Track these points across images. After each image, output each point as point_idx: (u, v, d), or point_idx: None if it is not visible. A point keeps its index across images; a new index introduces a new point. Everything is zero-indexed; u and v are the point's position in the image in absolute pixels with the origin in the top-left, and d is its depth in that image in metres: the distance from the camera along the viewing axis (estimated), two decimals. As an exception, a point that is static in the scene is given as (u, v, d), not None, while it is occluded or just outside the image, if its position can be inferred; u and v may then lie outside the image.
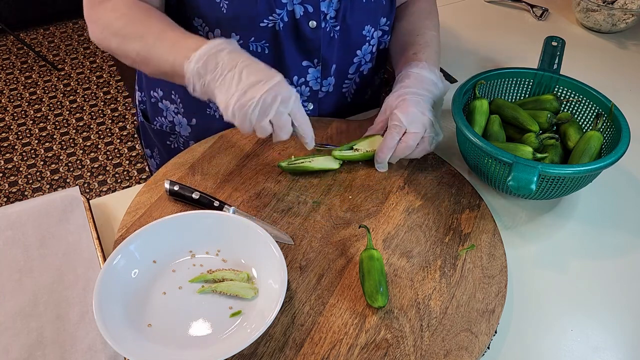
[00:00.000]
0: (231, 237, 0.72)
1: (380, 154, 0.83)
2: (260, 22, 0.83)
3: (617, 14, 1.26)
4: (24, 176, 2.35)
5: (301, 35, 0.86)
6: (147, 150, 1.16)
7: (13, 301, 0.68)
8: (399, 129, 0.81)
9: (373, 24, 0.93)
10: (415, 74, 0.87)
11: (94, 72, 2.92)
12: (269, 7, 0.82)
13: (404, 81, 0.87)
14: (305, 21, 0.85)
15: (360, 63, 0.97)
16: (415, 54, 0.91)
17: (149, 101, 1.04)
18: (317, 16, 0.85)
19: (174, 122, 1.01)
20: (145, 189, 0.81)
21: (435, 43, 0.95)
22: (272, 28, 0.84)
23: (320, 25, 0.86)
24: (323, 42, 0.88)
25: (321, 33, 0.87)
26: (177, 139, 1.04)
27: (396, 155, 0.83)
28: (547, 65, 0.95)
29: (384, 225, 0.78)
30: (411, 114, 0.81)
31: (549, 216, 0.85)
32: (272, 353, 0.63)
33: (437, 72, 0.89)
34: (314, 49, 0.89)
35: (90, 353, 0.63)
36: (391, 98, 0.86)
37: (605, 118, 0.86)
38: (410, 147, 0.82)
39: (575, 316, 0.72)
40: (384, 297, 0.66)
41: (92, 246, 0.74)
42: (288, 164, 0.84)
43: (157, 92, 1.00)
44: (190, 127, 0.99)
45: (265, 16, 0.83)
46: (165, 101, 1.00)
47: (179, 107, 0.98)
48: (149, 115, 1.07)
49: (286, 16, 0.84)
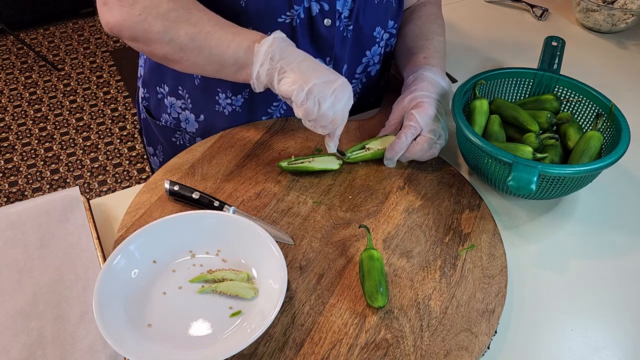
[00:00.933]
0: (231, 237, 0.72)
1: (391, 151, 0.83)
2: (278, 18, 0.83)
3: (617, 14, 1.26)
4: (24, 176, 2.35)
5: (316, 33, 0.87)
6: (149, 148, 1.16)
7: (13, 301, 0.68)
8: (414, 129, 0.82)
9: (383, 25, 0.94)
10: (430, 78, 0.87)
11: (94, 72, 2.92)
12: (287, 2, 0.82)
13: (418, 84, 0.87)
14: (321, 19, 0.86)
15: (368, 64, 0.97)
16: (426, 58, 0.91)
17: (153, 97, 1.04)
18: (332, 14, 0.86)
19: (180, 118, 1.01)
20: (145, 189, 0.81)
21: (443, 50, 0.95)
22: (289, 24, 0.84)
23: (335, 23, 0.87)
24: (337, 40, 0.89)
25: (335, 31, 0.88)
26: (182, 136, 1.04)
27: (408, 156, 0.83)
28: (547, 65, 0.95)
29: (384, 225, 0.78)
30: (428, 117, 0.82)
31: (549, 216, 0.85)
32: (272, 353, 0.63)
33: (447, 79, 0.90)
34: (327, 47, 0.89)
35: (90, 353, 0.63)
36: (405, 100, 0.86)
37: (605, 118, 0.86)
38: (424, 150, 0.82)
39: (575, 316, 0.72)
40: (384, 297, 0.66)
41: (92, 246, 0.74)
42: (288, 164, 0.84)
43: (163, 88, 1.00)
44: (197, 123, 0.99)
45: (284, 11, 0.83)
46: (171, 97, 0.99)
47: (186, 102, 0.98)
48: (152, 112, 1.07)
49: (303, 13, 0.84)
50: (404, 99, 0.86)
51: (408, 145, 0.83)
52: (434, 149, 0.84)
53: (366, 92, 1.03)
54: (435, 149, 0.84)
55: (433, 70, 0.88)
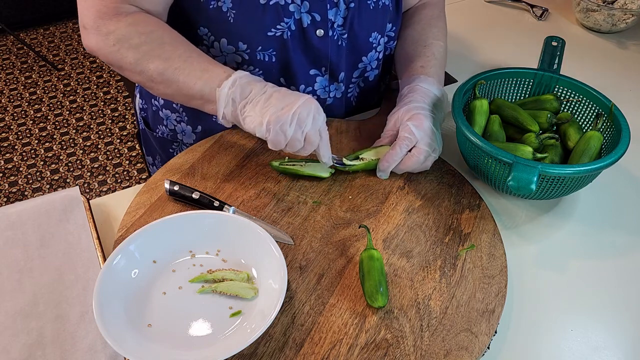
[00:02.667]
0: (231, 237, 0.72)
1: (384, 163, 0.82)
2: (268, 32, 0.83)
3: (617, 14, 1.26)
4: (24, 176, 2.35)
5: (309, 44, 0.86)
6: (148, 157, 1.16)
7: (13, 301, 0.68)
8: (409, 141, 0.81)
9: (380, 30, 0.93)
10: (425, 89, 0.86)
11: (94, 72, 2.92)
12: (276, 16, 0.81)
13: (412, 95, 0.86)
14: (313, 30, 0.85)
15: (365, 69, 0.96)
16: (422, 67, 0.90)
17: (150, 109, 1.04)
18: (324, 24, 0.85)
19: (176, 130, 1.01)
20: (145, 189, 0.81)
21: (441, 56, 0.94)
22: (279, 37, 0.84)
23: (328, 33, 0.86)
24: (331, 50, 0.88)
25: (329, 41, 0.87)
26: (179, 147, 1.03)
27: (402, 168, 0.82)
28: (547, 65, 0.95)
29: (384, 225, 0.78)
30: (424, 129, 0.81)
31: (549, 216, 0.85)
32: (272, 353, 0.63)
33: (442, 89, 0.89)
34: (322, 58, 0.89)
35: (90, 353, 0.63)
36: (400, 111, 0.84)
37: (605, 118, 0.86)
38: (419, 162, 0.81)
39: (575, 316, 0.72)
40: (384, 297, 0.66)
41: (92, 246, 0.74)
42: (280, 164, 0.83)
43: (157, 101, 1.00)
44: (195, 134, 0.99)
45: (273, 25, 0.82)
46: (165, 110, 0.99)
47: (181, 115, 0.98)
48: (150, 124, 1.07)
49: (293, 25, 0.83)
50: (399, 110, 0.85)
51: (402, 157, 0.82)
52: (428, 162, 0.83)
53: (365, 96, 1.02)
54: (428, 162, 0.83)
55: (428, 81, 0.87)
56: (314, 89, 0.93)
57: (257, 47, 0.84)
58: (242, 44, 0.84)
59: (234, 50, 0.85)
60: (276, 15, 0.81)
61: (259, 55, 0.85)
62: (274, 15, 0.81)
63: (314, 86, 0.92)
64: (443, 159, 0.89)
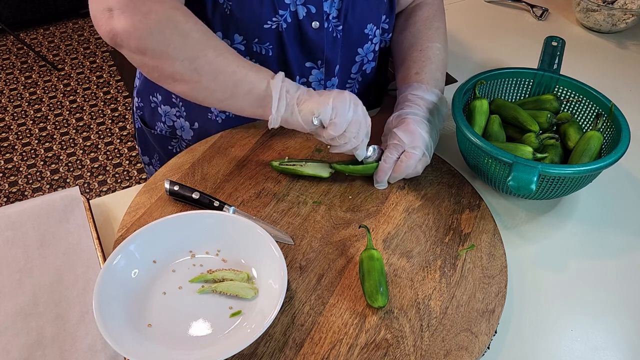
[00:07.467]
0: (231, 237, 0.72)
1: (380, 174, 0.82)
2: (264, 24, 0.83)
3: (617, 14, 1.26)
4: (24, 176, 2.35)
5: (304, 37, 0.86)
6: (144, 157, 1.15)
7: (13, 301, 0.68)
8: (398, 147, 0.81)
9: (375, 21, 0.92)
10: (418, 97, 0.86)
11: (94, 72, 2.92)
12: (272, 8, 0.82)
13: (405, 104, 0.86)
14: (308, 22, 0.85)
15: (362, 62, 0.96)
16: (417, 73, 0.90)
17: (147, 106, 1.04)
18: (320, 16, 0.85)
19: (175, 126, 1.01)
20: (145, 189, 0.81)
21: (438, 58, 0.92)
22: (275, 30, 0.84)
23: (323, 25, 0.86)
24: (326, 42, 0.88)
25: (324, 34, 0.87)
26: (179, 144, 1.03)
27: (395, 175, 0.82)
28: (547, 65, 0.94)
29: (384, 225, 0.78)
30: (411, 133, 0.81)
31: (549, 216, 0.85)
32: (272, 353, 0.63)
33: (438, 92, 0.88)
34: (317, 50, 0.89)
35: (90, 353, 0.63)
36: (391, 119, 0.85)
37: (605, 118, 0.86)
38: (410, 167, 0.81)
39: (575, 316, 0.72)
40: (384, 297, 0.66)
41: (92, 246, 0.74)
42: (280, 164, 0.84)
43: (156, 97, 1.00)
44: (192, 130, 0.99)
45: (269, 17, 0.82)
46: (165, 106, 0.99)
47: (180, 110, 0.98)
48: (147, 121, 1.07)
49: (289, 17, 0.83)
50: (390, 118, 0.86)
51: (394, 164, 0.81)
52: (419, 166, 0.82)
53: (364, 91, 1.02)
54: (419, 166, 0.82)
55: (422, 88, 0.87)
56: (309, 81, 0.93)
57: (254, 40, 0.84)
58: (238, 36, 0.84)
59: (230, 43, 0.85)
60: (272, 7, 0.81)
61: (255, 47, 0.86)
62: (270, 7, 0.81)
63: (308, 78, 0.92)
64: (443, 159, 0.89)
